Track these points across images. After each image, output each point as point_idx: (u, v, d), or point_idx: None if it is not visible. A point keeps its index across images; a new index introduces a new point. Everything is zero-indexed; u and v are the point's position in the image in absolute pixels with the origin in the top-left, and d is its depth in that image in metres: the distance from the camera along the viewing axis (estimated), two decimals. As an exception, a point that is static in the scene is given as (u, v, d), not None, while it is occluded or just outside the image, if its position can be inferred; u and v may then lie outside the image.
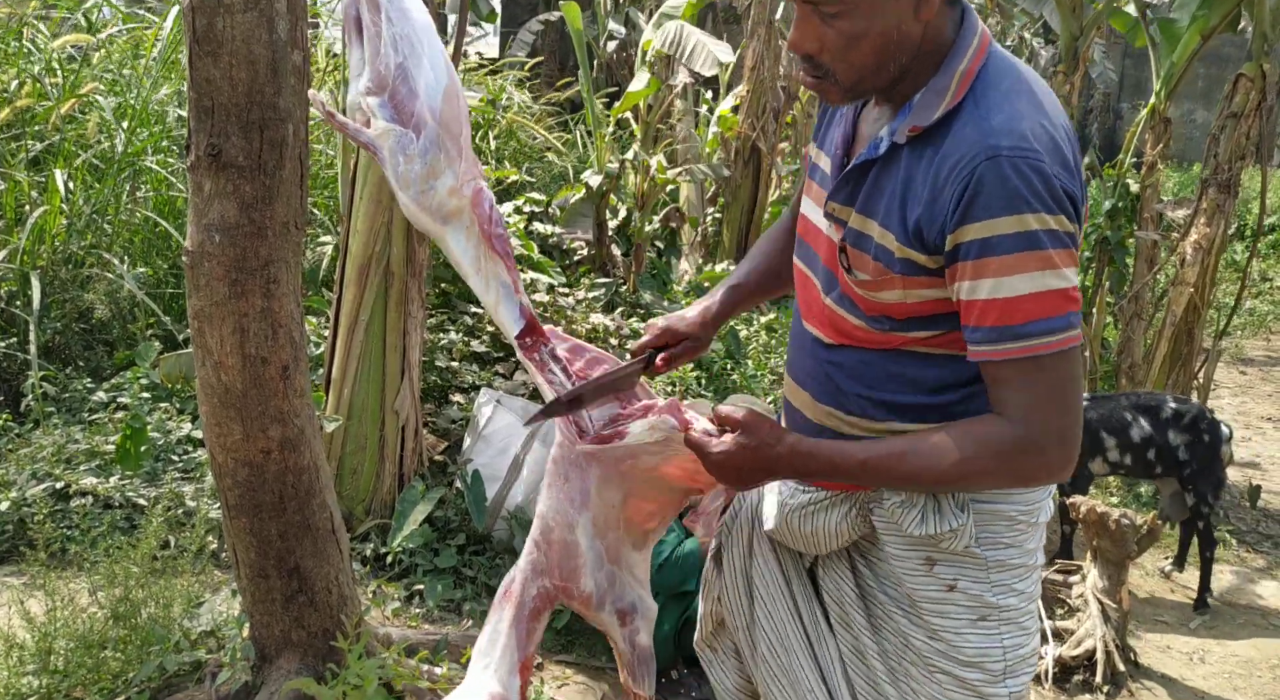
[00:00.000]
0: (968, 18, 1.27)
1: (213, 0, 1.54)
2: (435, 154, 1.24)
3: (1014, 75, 1.25)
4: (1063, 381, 1.21)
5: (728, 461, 1.32)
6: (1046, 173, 1.16)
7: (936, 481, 1.27)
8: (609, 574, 1.58)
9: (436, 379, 3.67)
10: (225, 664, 2.02)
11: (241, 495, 1.88)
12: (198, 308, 1.71)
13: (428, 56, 1.25)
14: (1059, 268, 1.17)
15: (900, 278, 1.26)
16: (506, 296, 1.38)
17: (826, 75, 1.25)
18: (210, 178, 1.63)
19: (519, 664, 1.55)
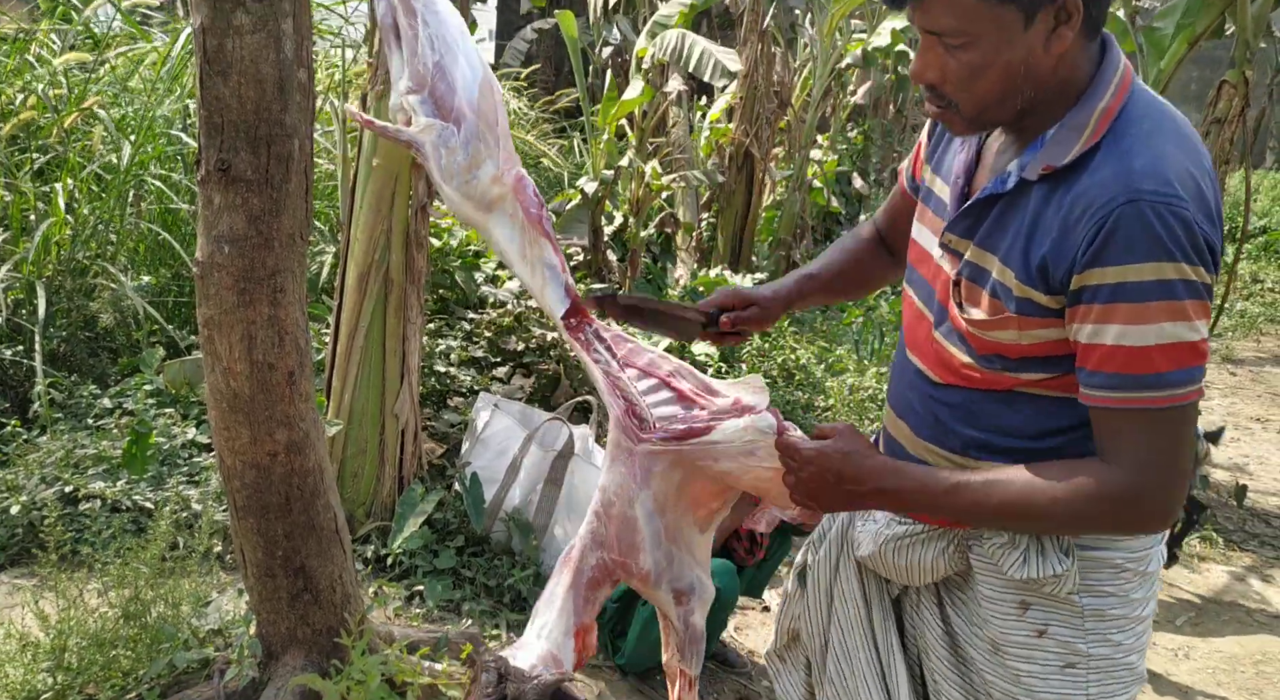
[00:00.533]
0: (1109, 53, 1.22)
1: (223, 22, 1.61)
2: (476, 145, 1.30)
3: (1157, 115, 1.20)
4: (1177, 435, 1.17)
5: (818, 461, 1.29)
6: (1190, 221, 1.11)
7: (1027, 518, 1.23)
8: (667, 553, 1.57)
9: (435, 384, 3.74)
10: (233, 661, 2.09)
11: (249, 497, 1.94)
12: (207, 316, 1.78)
13: (463, 54, 1.31)
14: (1192, 320, 1.13)
15: (1017, 317, 1.22)
16: (553, 277, 1.42)
17: (950, 106, 1.22)
18: (220, 192, 1.70)
19: (574, 628, 1.55)
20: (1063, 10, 1.14)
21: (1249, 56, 4.11)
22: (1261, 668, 3.31)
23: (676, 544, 1.59)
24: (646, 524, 1.54)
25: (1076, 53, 1.20)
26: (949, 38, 1.16)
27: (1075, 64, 1.20)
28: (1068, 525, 1.24)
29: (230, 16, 1.60)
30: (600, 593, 1.61)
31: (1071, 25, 1.15)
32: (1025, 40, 1.15)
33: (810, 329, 6.21)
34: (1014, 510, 1.22)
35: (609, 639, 2.95)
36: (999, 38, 1.15)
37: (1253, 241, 11.31)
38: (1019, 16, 1.14)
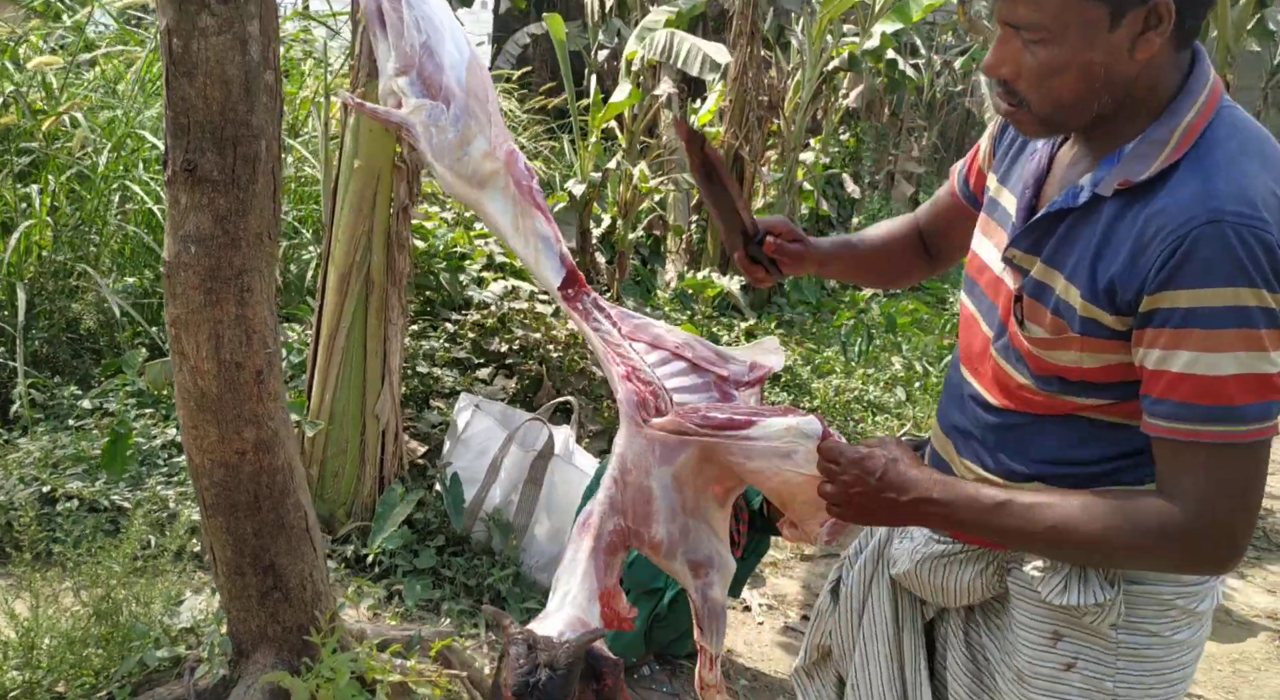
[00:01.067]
0: (1198, 65, 1.15)
1: (188, 24, 1.62)
2: (467, 121, 1.31)
3: (1245, 134, 1.13)
4: (1247, 474, 1.10)
5: (862, 464, 1.22)
6: (1273, 245, 1.05)
7: (1077, 545, 1.16)
8: (683, 525, 1.54)
9: (418, 385, 3.75)
10: (204, 659, 2.10)
11: (218, 495, 1.95)
12: (174, 315, 1.79)
13: (449, 33, 1.33)
14: (1267, 351, 1.06)
15: (1079, 338, 1.16)
16: (547, 248, 1.43)
17: (1021, 104, 1.16)
18: (186, 192, 1.71)
19: (598, 592, 1.52)
20: (1153, 14, 1.08)
21: (1230, 59, 4.13)
22: (1238, 666, 3.32)
23: (694, 516, 1.56)
24: (663, 497, 1.52)
25: (1163, 62, 1.13)
26: (1028, 32, 1.10)
27: (1161, 74, 1.13)
28: (1121, 558, 1.18)
29: (195, 18, 1.62)
30: (618, 558, 1.57)
31: (1160, 31, 1.08)
32: (1109, 42, 1.09)
33: (799, 330, 6.22)
34: (1064, 536, 1.14)
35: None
36: (1081, 37, 1.08)
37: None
38: (1105, 15, 1.07)
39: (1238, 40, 4.17)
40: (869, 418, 4.79)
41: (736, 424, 1.40)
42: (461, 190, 1.36)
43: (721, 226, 1.52)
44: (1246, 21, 4.21)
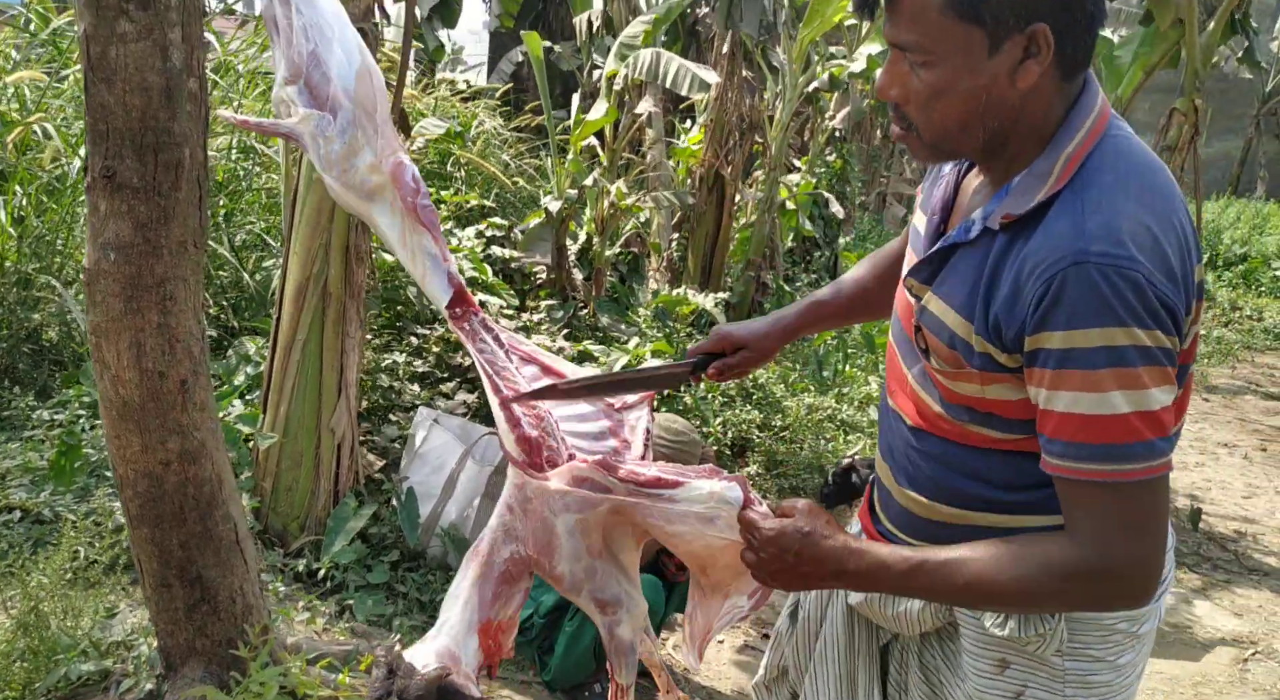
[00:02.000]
0: (1085, 95, 1.15)
1: (106, 29, 1.61)
2: (353, 132, 1.29)
3: (1126, 164, 1.12)
4: (1144, 512, 1.09)
5: (778, 541, 1.22)
6: (1141, 283, 1.04)
7: (996, 597, 1.16)
8: (588, 566, 1.51)
9: (379, 399, 3.73)
10: (130, 673, 2.07)
11: (142, 506, 1.93)
12: (95, 323, 1.78)
13: (338, 41, 1.31)
14: (1148, 388, 1.05)
15: (978, 372, 1.17)
16: (434, 266, 1.40)
17: (911, 127, 1.17)
18: (105, 198, 1.70)
19: (479, 624, 1.48)
20: (1032, 42, 1.08)
21: (1198, 85, 4.14)
22: (1200, 689, 3.29)
23: (602, 558, 1.52)
24: (567, 538, 1.48)
25: (1049, 92, 1.12)
26: (914, 54, 1.11)
27: (1047, 104, 1.13)
28: (1035, 604, 1.18)
29: (113, 24, 1.61)
30: (517, 588, 1.53)
31: (1040, 60, 1.09)
32: (990, 68, 1.09)
33: (778, 350, 6.20)
34: (981, 591, 1.14)
35: (536, 655, 2.93)
36: (962, 60, 1.09)
37: (1232, 269, 11.36)
38: (984, 40, 1.08)
39: (1205, 66, 4.18)
40: (840, 437, 4.77)
41: (665, 483, 1.37)
42: (351, 201, 1.35)
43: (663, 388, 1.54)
44: (1214, 46, 4.23)
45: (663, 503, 1.37)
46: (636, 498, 1.38)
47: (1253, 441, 6.35)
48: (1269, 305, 10.40)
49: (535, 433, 1.42)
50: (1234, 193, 16.20)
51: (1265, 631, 3.73)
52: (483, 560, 1.51)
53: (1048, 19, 1.06)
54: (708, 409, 4.63)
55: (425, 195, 1.40)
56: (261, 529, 3.19)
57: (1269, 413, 7.12)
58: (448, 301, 1.45)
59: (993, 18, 1.06)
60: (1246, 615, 3.86)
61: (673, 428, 2.88)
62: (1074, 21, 1.08)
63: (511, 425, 1.41)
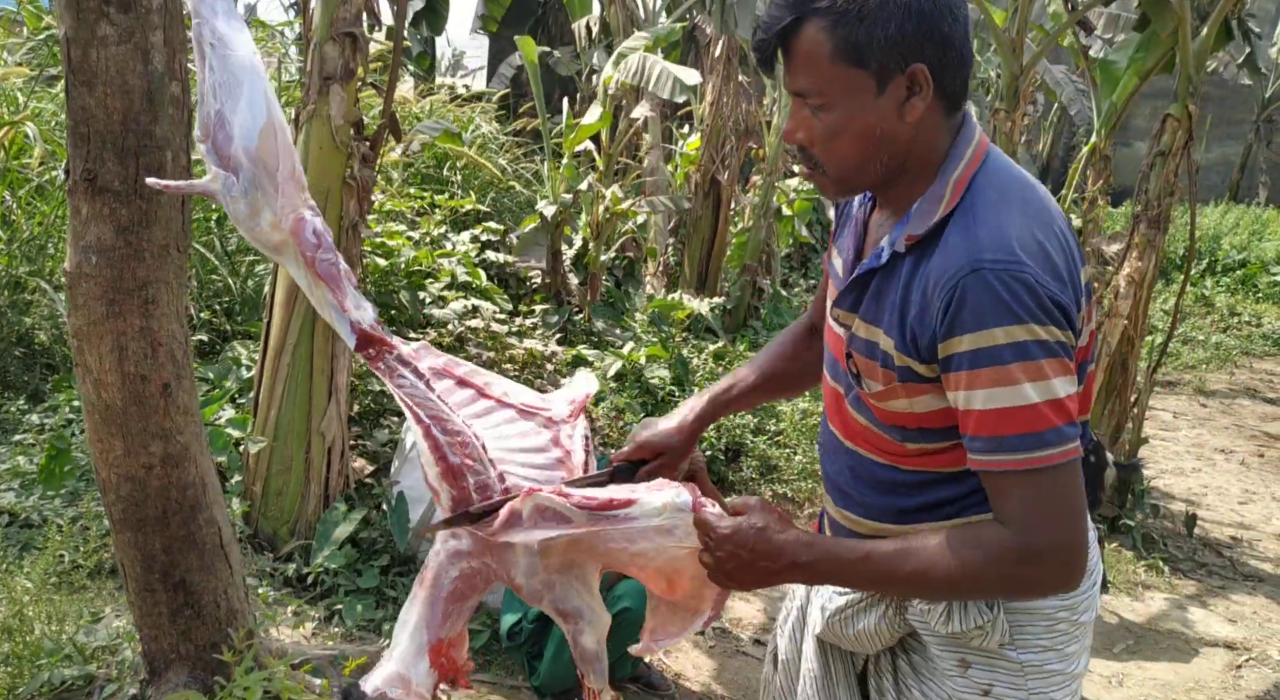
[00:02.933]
0: (965, 128, 1.28)
1: (87, 32, 1.62)
2: (254, 193, 1.31)
3: (1004, 182, 1.25)
4: (1061, 493, 1.18)
5: (732, 538, 1.28)
6: (1031, 283, 1.15)
7: (939, 586, 1.24)
8: (545, 581, 1.51)
9: (370, 403, 3.73)
10: (113, 678, 2.06)
11: (125, 510, 1.93)
12: (77, 327, 1.78)
13: (246, 97, 1.32)
14: (1051, 379, 1.16)
15: (902, 386, 1.26)
16: (337, 317, 1.42)
17: (817, 166, 1.28)
18: (86, 202, 1.70)
19: (429, 646, 1.48)
20: (914, 82, 1.20)
21: (1191, 91, 4.14)
22: (1193, 696, 3.28)
23: (562, 573, 1.51)
24: (525, 556, 1.46)
25: (935, 125, 1.25)
26: (811, 98, 1.22)
27: (934, 137, 1.26)
28: (977, 590, 1.26)
29: (94, 27, 1.61)
30: (468, 603, 1.53)
31: (923, 97, 1.21)
32: (879, 106, 1.21)
33: (773, 355, 6.20)
34: (924, 579, 1.22)
35: (525, 660, 2.92)
36: (854, 101, 1.21)
37: (1231, 275, 11.36)
38: (871, 83, 1.20)
39: (1198, 71, 4.17)
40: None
41: (619, 503, 1.38)
42: (268, 254, 1.38)
43: None
44: (1208, 52, 4.22)
45: (621, 524, 1.38)
46: (597, 525, 1.39)
47: (1250, 447, 6.34)
48: (1267, 311, 10.38)
49: (457, 459, 1.42)
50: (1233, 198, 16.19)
51: (1259, 637, 3.72)
52: (429, 586, 1.51)
53: (925, 59, 1.20)
54: (702, 414, 4.62)
55: (326, 249, 1.40)
56: (251, 533, 3.18)
57: (1266, 418, 7.11)
58: (354, 346, 1.46)
59: (876, 62, 1.19)
60: (1241, 621, 3.85)
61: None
62: (948, 60, 1.21)
63: (436, 457, 1.41)
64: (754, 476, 4.37)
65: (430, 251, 4.49)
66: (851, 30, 1.18)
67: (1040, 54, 4.97)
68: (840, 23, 1.18)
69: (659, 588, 1.53)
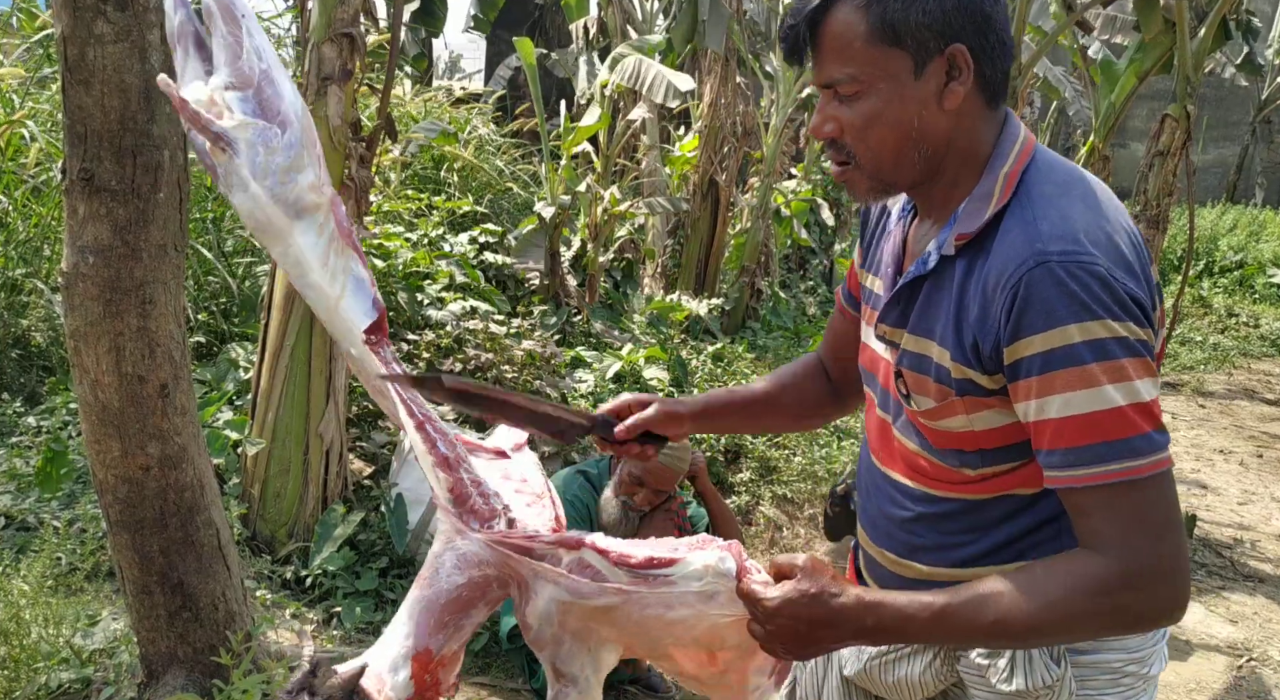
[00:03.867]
0: (1009, 124, 1.20)
1: (84, 31, 1.60)
2: (299, 150, 1.28)
3: (1062, 176, 1.16)
4: (1160, 509, 1.06)
5: (784, 610, 1.14)
6: (1105, 277, 1.05)
7: (1029, 631, 1.08)
8: (556, 636, 1.39)
9: (369, 405, 3.71)
10: (110, 681, 2.05)
11: (122, 511, 1.92)
12: (73, 327, 1.76)
13: (286, 75, 1.31)
14: (1133, 380, 1.04)
15: (962, 401, 1.16)
16: (357, 288, 1.36)
17: (850, 159, 1.19)
18: (84, 201, 1.69)
19: (412, 653, 1.34)
20: (953, 64, 1.13)
21: (1189, 91, 4.14)
22: (1195, 697, 3.27)
23: (574, 637, 1.39)
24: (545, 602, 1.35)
25: (976, 119, 1.17)
26: (843, 87, 1.14)
27: (976, 131, 1.17)
28: (1077, 628, 1.10)
29: (91, 25, 1.60)
30: (471, 617, 1.39)
31: (963, 82, 1.13)
32: (916, 91, 1.13)
33: (774, 355, 6.20)
34: (1011, 626, 1.08)
35: (525, 662, 2.91)
36: (890, 85, 1.13)
37: (1228, 276, 11.37)
38: (909, 64, 1.12)
39: (1196, 72, 4.18)
40: (834, 443, 4.76)
41: (659, 562, 1.27)
42: (270, 215, 1.29)
43: (545, 433, 1.40)
44: (1206, 52, 4.23)
45: (660, 586, 1.28)
46: (635, 585, 1.29)
47: (1249, 448, 6.34)
48: (1265, 312, 10.40)
49: (449, 452, 1.35)
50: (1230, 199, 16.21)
51: (1260, 638, 3.71)
52: (427, 583, 1.39)
53: (966, 40, 1.12)
54: (701, 415, 4.61)
55: (355, 232, 1.38)
56: (249, 535, 3.17)
57: (1265, 419, 7.11)
58: (368, 325, 1.39)
59: (914, 40, 1.11)
60: (1241, 622, 3.84)
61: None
62: (988, 44, 1.14)
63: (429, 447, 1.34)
64: (753, 478, 4.36)
65: (428, 253, 4.48)
66: (887, 7, 1.10)
67: (1039, 54, 4.97)
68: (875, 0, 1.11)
69: (697, 664, 1.41)
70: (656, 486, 2.88)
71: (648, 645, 1.38)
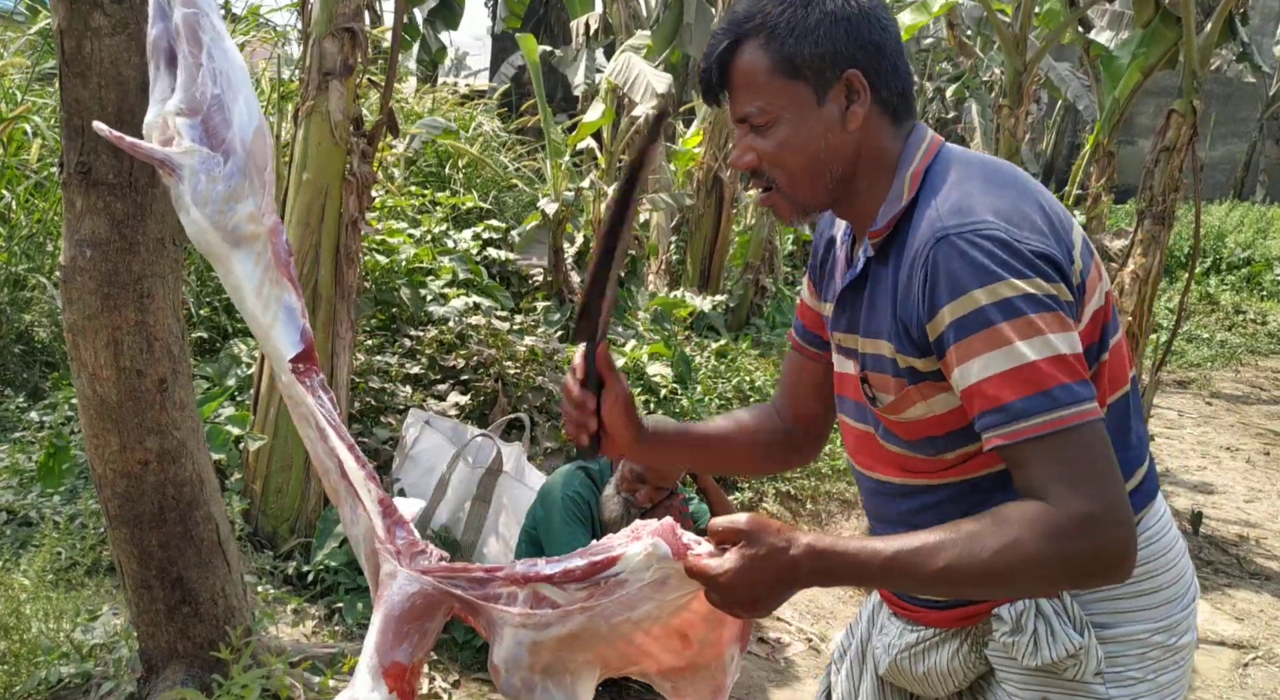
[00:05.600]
0: (915, 132, 1.27)
1: (80, 24, 1.60)
2: (240, 180, 1.29)
3: (964, 164, 1.22)
4: (1090, 455, 1.08)
5: (738, 581, 1.13)
6: (1004, 238, 1.10)
7: (980, 577, 1.09)
8: (526, 680, 1.35)
9: (371, 400, 3.71)
10: (110, 676, 2.05)
11: (121, 506, 1.91)
12: (71, 321, 1.76)
13: (243, 97, 1.31)
14: (1045, 334, 1.08)
15: (915, 388, 1.20)
16: (288, 318, 1.36)
17: (771, 185, 1.26)
18: (81, 195, 1.68)
19: (382, 669, 1.32)
20: (851, 89, 1.21)
21: (1196, 86, 4.12)
22: (1200, 694, 3.25)
23: (548, 675, 1.35)
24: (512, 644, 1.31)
25: (880, 133, 1.25)
26: (755, 118, 1.23)
27: (881, 144, 1.25)
28: (1025, 578, 1.10)
29: (88, 18, 1.60)
30: (425, 624, 1.36)
31: (862, 103, 1.22)
32: (821, 117, 1.22)
33: (777, 352, 6.19)
34: (964, 569, 1.09)
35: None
36: (796, 113, 1.21)
37: (1235, 273, 11.32)
38: (810, 93, 1.21)
39: (1203, 66, 4.15)
40: (836, 440, 4.74)
41: (601, 564, 1.25)
42: (210, 241, 1.30)
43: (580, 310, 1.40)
44: (1212, 47, 4.20)
45: (615, 589, 1.26)
46: (592, 599, 1.27)
47: (1255, 445, 6.31)
48: (1273, 309, 10.35)
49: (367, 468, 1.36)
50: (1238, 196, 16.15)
51: (1266, 636, 3.69)
52: (382, 603, 1.37)
53: (858, 65, 1.21)
54: (704, 412, 4.61)
55: (290, 255, 1.38)
56: (251, 531, 3.16)
57: (1272, 417, 7.08)
58: (294, 355, 1.38)
59: (811, 71, 1.21)
60: (1247, 619, 3.82)
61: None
62: (882, 68, 1.23)
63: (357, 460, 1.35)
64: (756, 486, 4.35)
65: (431, 249, 4.47)
66: (784, 43, 1.20)
67: (1044, 50, 4.95)
68: (773, 38, 1.21)
69: (673, 652, 1.38)
70: (658, 483, 2.87)
71: (622, 654, 1.35)
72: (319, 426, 1.38)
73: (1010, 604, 1.26)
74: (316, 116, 3.07)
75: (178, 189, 1.26)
